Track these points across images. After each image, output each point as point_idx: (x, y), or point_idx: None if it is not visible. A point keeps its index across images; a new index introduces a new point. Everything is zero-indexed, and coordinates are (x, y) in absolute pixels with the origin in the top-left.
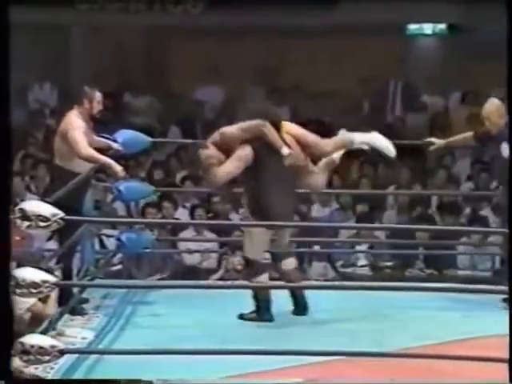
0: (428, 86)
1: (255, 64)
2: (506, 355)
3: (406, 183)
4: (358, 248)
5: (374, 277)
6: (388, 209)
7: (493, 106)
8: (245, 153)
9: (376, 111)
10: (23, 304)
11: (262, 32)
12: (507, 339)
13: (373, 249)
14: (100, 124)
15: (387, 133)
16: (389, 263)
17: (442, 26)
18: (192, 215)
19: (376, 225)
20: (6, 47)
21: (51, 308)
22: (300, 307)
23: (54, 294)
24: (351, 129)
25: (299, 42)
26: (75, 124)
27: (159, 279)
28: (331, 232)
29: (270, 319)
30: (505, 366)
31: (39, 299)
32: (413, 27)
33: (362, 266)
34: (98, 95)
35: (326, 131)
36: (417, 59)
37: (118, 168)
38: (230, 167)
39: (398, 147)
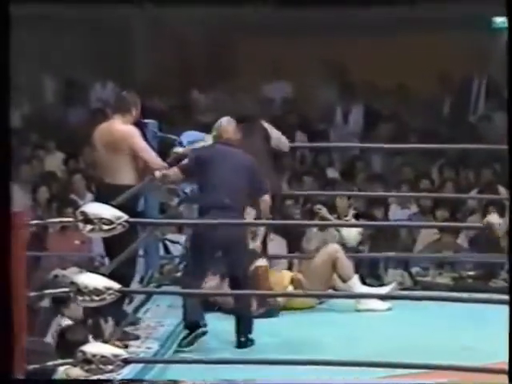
0: None
1: (325, 60)
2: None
3: (490, 186)
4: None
5: (455, 287)
6: (470, 214)
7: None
8: None
9: (457, 110)
10: None
11: (333, 28)
12: None
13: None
14: (167, 123)
15: (469, 132)
16: (471, 272)
17: None
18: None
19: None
20: (6, 43)
21: None
22: None
23: None
24: (429, 128)
25: (375, 37)
26: (136, 133)
27: None
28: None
29: None
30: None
31: None
32: (499, 20)
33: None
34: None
35: (403, 131)
36: (503, 54)
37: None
38: None
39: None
